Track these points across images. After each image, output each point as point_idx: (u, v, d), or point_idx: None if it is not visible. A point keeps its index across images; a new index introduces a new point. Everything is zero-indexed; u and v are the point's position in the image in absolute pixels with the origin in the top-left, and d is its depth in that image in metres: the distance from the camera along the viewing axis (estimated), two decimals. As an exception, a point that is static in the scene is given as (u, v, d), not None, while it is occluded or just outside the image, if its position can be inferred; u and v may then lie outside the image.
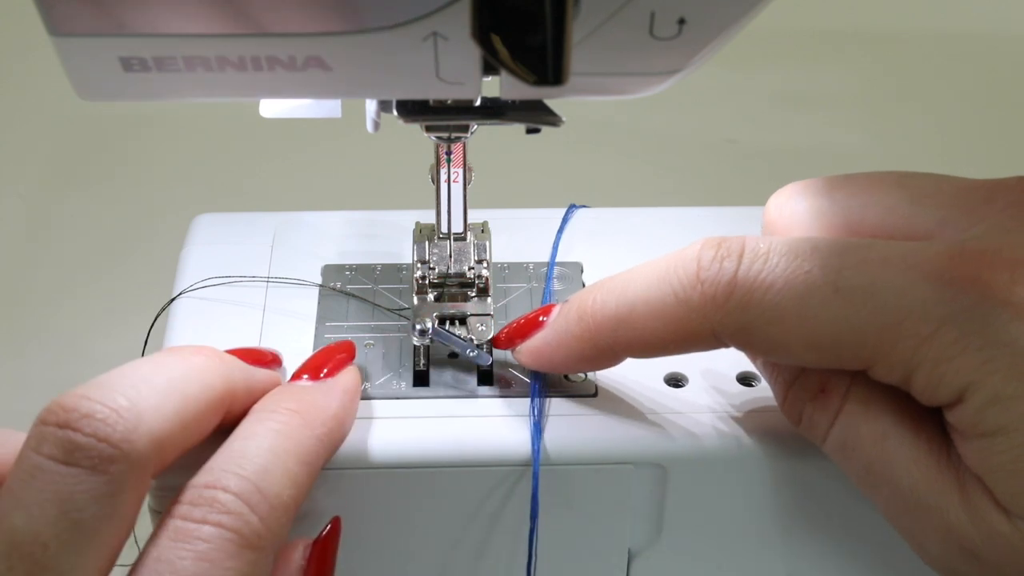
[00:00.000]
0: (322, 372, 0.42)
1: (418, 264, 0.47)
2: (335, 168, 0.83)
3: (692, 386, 0.45)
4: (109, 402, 0.36)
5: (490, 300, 0.46)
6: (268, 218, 0.52)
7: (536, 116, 0.41)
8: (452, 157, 0.44)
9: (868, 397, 0.39)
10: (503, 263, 0.50)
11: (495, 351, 0.45)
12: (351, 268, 0.49)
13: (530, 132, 0.42)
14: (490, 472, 0.43)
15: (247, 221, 0.52)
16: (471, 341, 0.45)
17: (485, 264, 0.47)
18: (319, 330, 0.47)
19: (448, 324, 0.46)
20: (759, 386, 0.44)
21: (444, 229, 0.46)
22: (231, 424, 0.40)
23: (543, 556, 0.44)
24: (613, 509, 0.44)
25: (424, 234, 0.47)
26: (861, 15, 0.96)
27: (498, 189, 0.53)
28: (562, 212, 0.52)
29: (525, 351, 0.43)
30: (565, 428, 0.43)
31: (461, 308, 0.46)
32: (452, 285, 0.47)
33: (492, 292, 0.47)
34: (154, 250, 0.74)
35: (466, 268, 0.46)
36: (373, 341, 0.46)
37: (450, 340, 0.45)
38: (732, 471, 0.43)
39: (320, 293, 0.48)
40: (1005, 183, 0.39)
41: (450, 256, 0.47)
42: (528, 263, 0.50)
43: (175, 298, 0.48)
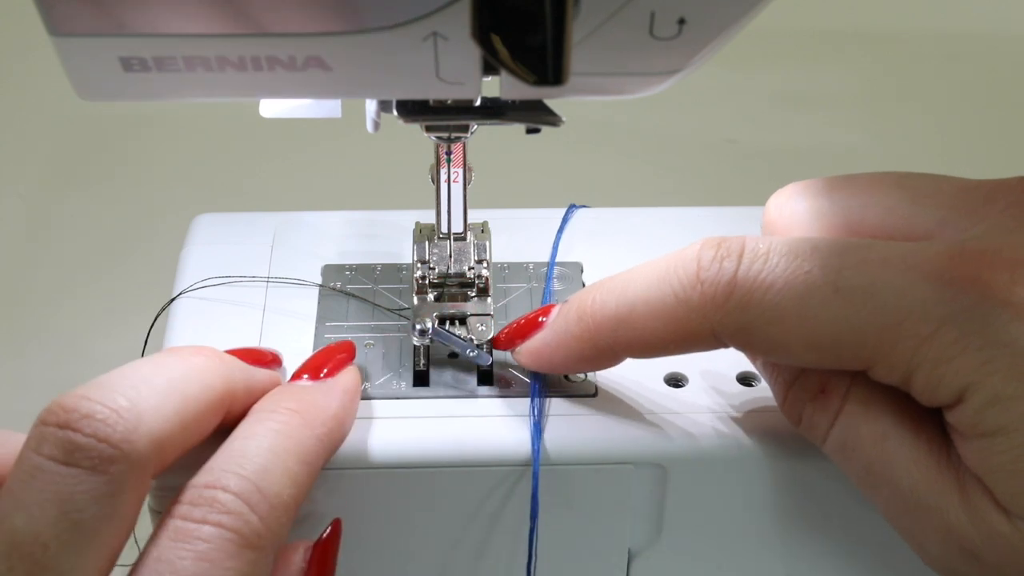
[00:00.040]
0: (322, 372, 0.42)
1: (418, 264, 0.47)
2: (335, 168, 0.83)
3: (692, 386, 0.45)
4: (109, 402, 0.36)
5: (490, 300, 0.46)
6: (268, 218, 0.52)
7: (536, 116, 0.41)
8: (452, 157, 0.44)
9: (868, 398, 0.39)
10: (503, 263, 0.50)
11: (495, 351, 0.45)
12: (351, 268, 0.49)
13: (530, 132, 0.42)
14: (490, 472, 0.43)
15: (247, 221, 0.52)
16: (471, 341, 0.45)
17: (485, 264, 0.47)
18: (319, 330, 0.47)
19: (448, 324, 0.46)
20: (759, 386, 0.44)
21: (444, 229, 0.46)
22: (231, 424, 0.40)
23: (543, 556, 0.44)
24: (613, 509, 0.44)
25: (424, 234, 0.47)
26: (861, 15, 0.96)
27: (498, 189, 0.53)
28: (562, 212, 0.52)
29: (525, 352, 0.43)
30: (565, 428, 0.43)
31: (461, 308, 0.46)
32: (452, 285, 0.47)
33: (492, 292, 0.47)
34: (154, 250, 0.74)
35: (466, 268, 0.47)
36: (373, 341, 0.46)
37: (450, 340, 0.45)
38: (732, 471, 0.43)
39: (320, 293, 0.48)
40: (1005, 183, 0.39)
41: (450, 256, 0.47)
42: (528, 263, 0.50)
43: (175, 298, 0.48)
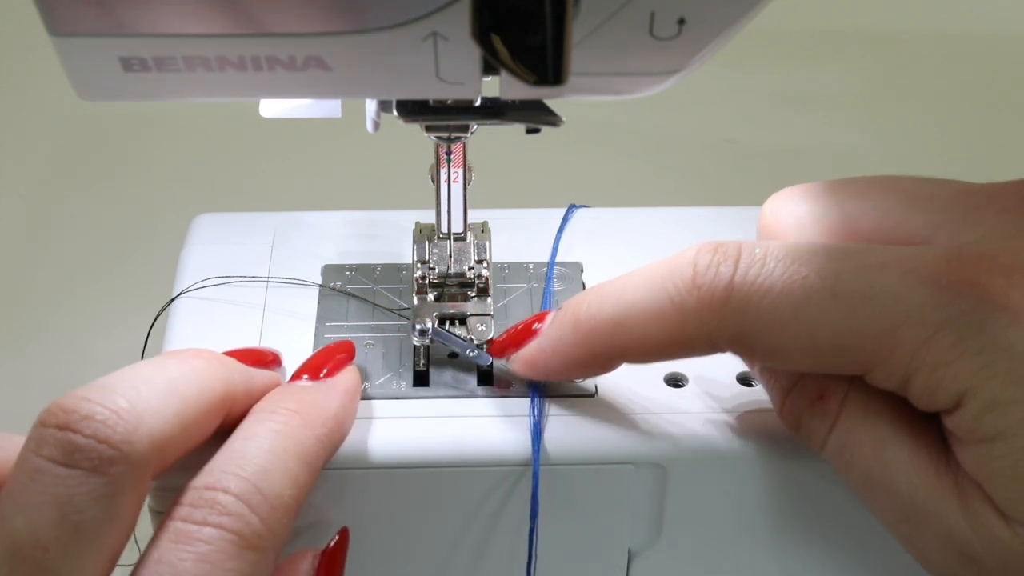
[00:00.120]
0: (322, 372, 0.42)
1: (418, 264, 0.47)
2: (335, 168, 0.83)
3: (692, 386, 0.45)
4: (109, 404, 0.36)
5: (490, 300, 0.46)
6: (268, 218, 0.52)
7: (536, 116, 0.41)
8: (452, 157, 0.44)
9: (866, 404, 0.39)
10: (503, 263, 0.50)
11: None
12: (351, 268, 0.49)
13: (530, 132, 0.42)
14: (490, 472, 0.43)
15: (247, 221, 0.52)
16: (471, 341, 0.45)
17: (485, 264, 0.47)
18: (319, 330, 0.47)
19: (448, 324, 0.46)
20: (759, 387, 0.44)
21: (444, 229, 0.46)
22: (231, 426, 0.40)
23: (543, 556, 0.44)
24: (613, 509, 0.44)
25: (424, 234, 0.47)
26: (861, 15, 0.96)
27: (498, 189, 0.53)
28: (562, 212, 0.52)
29: (519, 360, 0.43)
30: (565, 428, 0.43)
31: (461, 308, 0.46)
32: (452, 285, 0.47)
33: (492, 292, 0.47)
34: (154, 250, 0.74)
35: (466, 268, 0.46)
36: (373, 341, 0.46)
37: (450, 340, 0.45)
38: (732, 471, 0.43)
39: (320, 293, 0.48)
40: (1000, 188, 0.39)
41: (450, 256, 0.47)
42: (528, 263, 0.50)
43: (175, 298, 0.48)
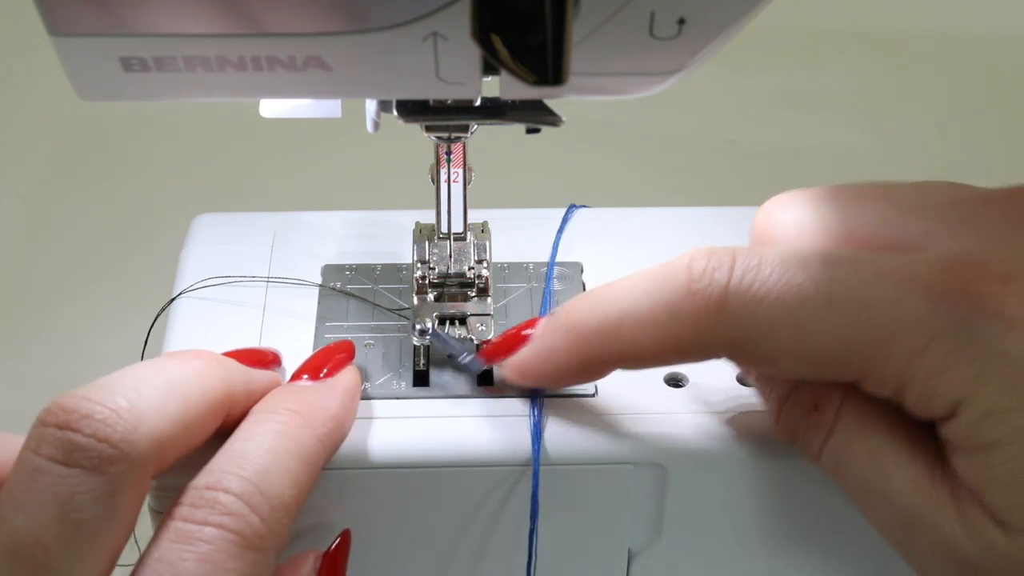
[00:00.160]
0: (322, 372, 0.42)
1: (418, 264, 0.47)
2: (335, 168, 0.83)
3: (692, 386, 0.45)
4: (109, 403, 0.36)
5: (490, 300, 0.46)
6: (268, 218, 0.52)
7: (536, 116, 0.41)
8: (452, 157, 0.44)
9: (861, 414, 0.39)
10: (503, 263, 0.50)
11: None
12: (351, 268, 0.49)
13: (530, 132, 0.42)
14: (490, 472, 0.43)
15: (247, 221, 0.52)
16: (471, 341, 0.45)
17: (485, 264, 0.47)
18: (319, 330, 0.47)
19: (448, 324, 0.46)
20: (759, 386, 0.44)
21: (444, 229, 0.46)
22: (231, 427, 0.40)
23: (543, 556, 0.44)
24: (613, 509, 0.44)
25: (424, 234, 0.47)
26: (861, 15, 0.96)
27: (498, 189, 0.53)
28: (562, 212, 0.52)
29: (511, 367, 0.43)
30: (565, 428, 0.43)
31: (461, 308, 0.46)
32: (452, 285, 0.47)
33: (492, 292, 0.47)
34: (154, 250, 0.74)
35: (466, 268, 0.47)
36: (373, 341, 0.46)
37: (445, 343, 0.45)
38: (732, 471, 0.43)
39: (320, 293, 0.48)
40: (992, 195, 0.39)
41: (450, 256, 0.47)
42: (528, 263, 0.50)
43: (175, 298, 0.48)
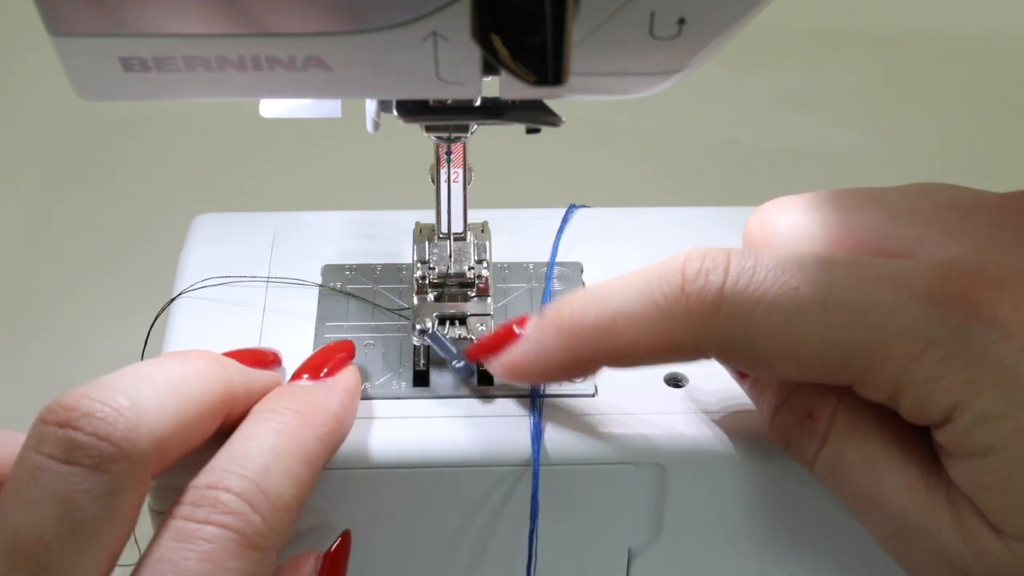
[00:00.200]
0: (322, 371, 0.42)
1: (418, 264, 0.47)
2: (335, 168, 0.83)
3: (692, 386, 0.45)
4: (110, 401, 0.36)
5: (490, 300, 0.46)
6: (268, 218, 0.52)
7: (536, 116, 0.41)
8: (452, 157, 0.44)
9: (855, 421, 0.39)
10: (503, 263, 0.50)
11: None
12: (351, 268, 0.49)
13: (530, 132, 0.42)
14: (490, 472, 0.43)
15: (247, 221, 0.52)
16: (470, 341, 0.45)
17: (485, 264, 0.47)
18: (319, 330, 0.47)
19: (448, 324, 0.46)
20: (759, 386, 0.44)
21: (444, 229, 0.46)
22: (231, 427, 0.40)
23: (543, 556, 0.44)
24: (613, 509, 0.44)
25: (424, 234, 0.47)
26: (861, 15, 0.96)
27: (498, 189, 0.53)
28: (562, 212, 0.52)
29: (501, 364, 0.42)
30: (565, 428, 0.43)
31: (461, 308, 0.46)
32: (452, 285, 0.47)
33: (492, 292, 0.47)
34: (154, 250, 0.74)
35: (466, 268, 0.47)
36: (373, 341, 0.46)
37: (441, 345, 0.45)
38: (732, 471, 0.43)
39: (320, 293, 0.48)
40: (984, 201, 0.39)
41: (450, 256, 0.47)
42: (528, 263, 0.50)
43: (175, 298, 0.48)
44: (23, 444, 0.36)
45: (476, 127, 0.43)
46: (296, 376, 0.43)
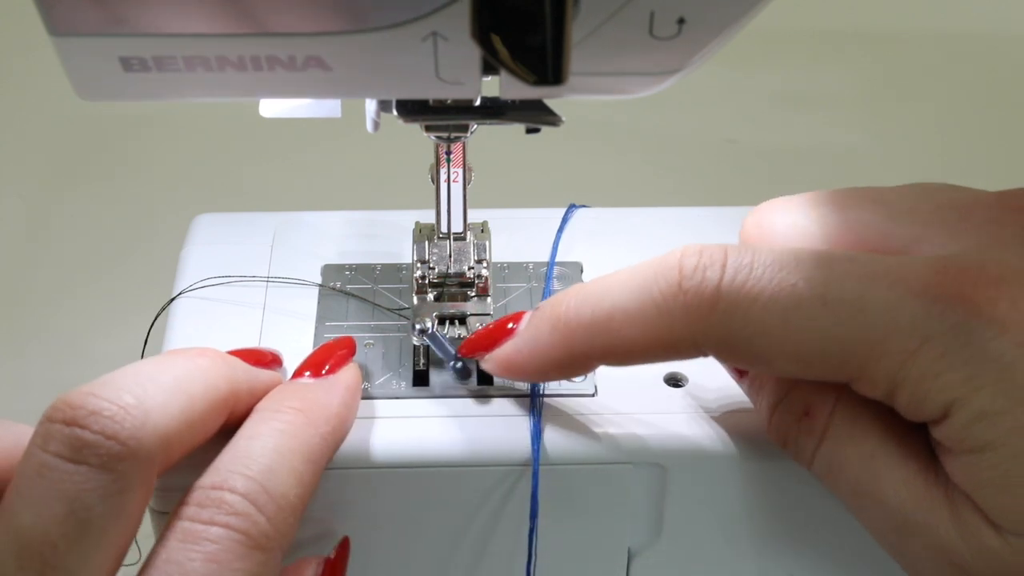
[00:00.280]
0: (324, 368, 0.42)
1: (418, 264, 0.47)
2: (335, 168, 0.83)
3: (692, 386, 0.45)
4: (116, 399, 0.36)
5: (490, 300, 0.46)
6: (268, 218, 0.52)
7: (536, 116, 0.41)
8: (452, 157, 0.44)
9: (853, 418, 0.39)
10: (503, 263, 0.50)
11: None
12: (351, 268, 0.49)
13: (530, 132, 0.42)
14: (490, 472, 0.43)
15: (247, 221, 0.52)
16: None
17: (485, 264, 0.47)
18: (319, 330, 0.47)
19: (448, 324, 0.46)
20: (759, 386, 0.44)
21: (444, 229, 0.46)
22: (234, 424, 0.40)
23: (543, 556, 0.44)
24: (613, 509, 0.44)
25: (424, 234, 0.47)
26: (861, 15, 0.96)
27: (498, 189, 0.53)
28: (562, 212, 0.52)
29: (495, 359, 0.42)
30: (565, 428, 0.43)
31: (461, 308, 0.46)
32: (452, 285, 0.47)
33: (492, 292, 0.47)
34: (154, 250, 0.74)
35: (466, 268, 0.47)
36: (373, 341, 0.46)
37: (439, 346, 0.45)
38: (732, 471, 0.43)
39: (320, 293, 0.48)
40: (981, 200, 0.39)
41: (450, 256, 0.47)
42: (528, 263, 0.50)
43: (175, 298, 0.48)
44: (29, 442, 0.36)
45: (476, 127, 0.43)
46: (298, 373, 0.43)
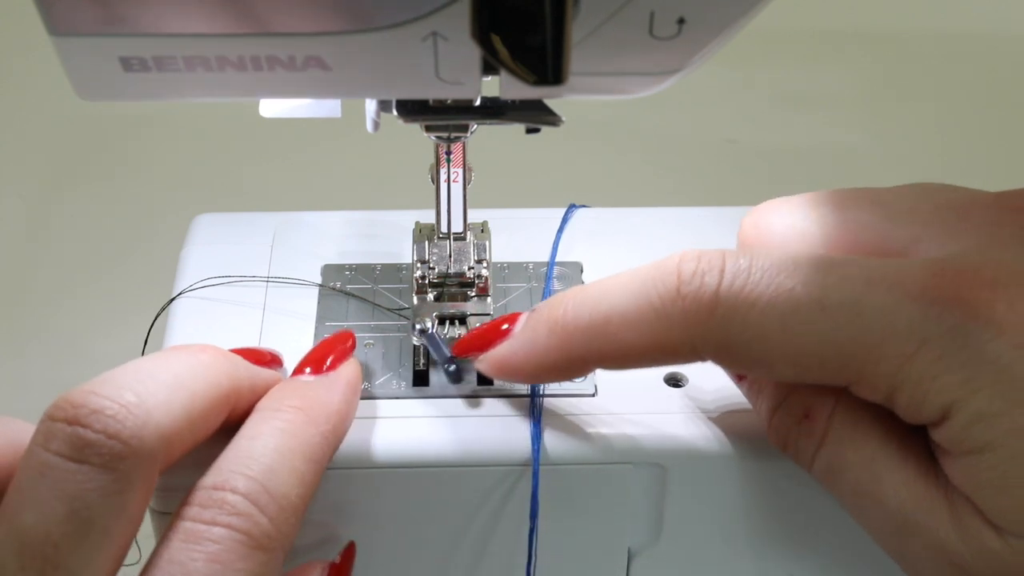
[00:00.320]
0: (325, 364, 0.42)
1: (418, 264, 0.47)
2: (335, 168, 0.83)
3: (692, 386, 0.45)
4: (118, 398, 0.35)
5: (490, 300, 0.46)
6: (268, 218, 0.52)
7: (536, 116, 0.41)
8: (452, 157, 0.44)
9: (853, 420, 0.39)
10: (503, 263, 0.50)
11: None
12: (351, 268, 0.49)
13: (530, 132, 0.42)
14: (490, 472, 0.43)
15: (247, 221, 0.52)
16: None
17: (485, 264, 0.47)
18: (319, 330, 0.47)
19: (448, 324, 0.46)
20: (759, 386, 0.44)
21: (444, 229, 0.46)
22: (235, 422, 0.40)
23: (543, 556, 0.44)
24: (613, 509, 0.44)
25: (424, 234, 0.47)
26: (861, 15, 0.96)
27: (498, 189, 0.53)
28: (562, 212, 0.52)
29: (489, 360, 0.42)
30: (565, 428, 0.43)
31: (461, 308, 0.46)
32: (452, 285, 0.47)
33: (492, 292, 0.47)
34: (154, 250, 0.74)
35: (466, 268, 0.47)
36: (373, 341, 0.46)
37: (435, 347, 0.44)
38: (732, 471, 0.43)
39: (320, 293, 0.48)
40: (979, 201, 0.39)
41: (450, 256, 0.47)
42: (528, 263, 0.50)
43: (175, 298, 0.48)
44: (31, 440, 0.35)
45: (476, 127, 0.43)
46: (299, 369, 0.42)
